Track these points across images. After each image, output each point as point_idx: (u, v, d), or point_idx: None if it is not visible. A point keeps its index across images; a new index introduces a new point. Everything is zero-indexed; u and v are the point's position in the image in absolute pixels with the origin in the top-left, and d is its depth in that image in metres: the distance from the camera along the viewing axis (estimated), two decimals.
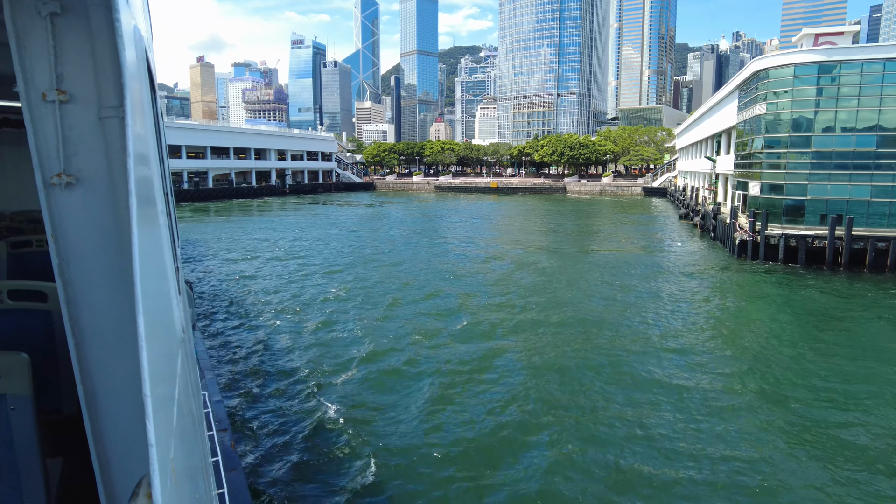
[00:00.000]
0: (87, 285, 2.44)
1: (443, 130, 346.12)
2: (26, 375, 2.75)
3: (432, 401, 13.96)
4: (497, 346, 18.01)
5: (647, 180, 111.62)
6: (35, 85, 2.32)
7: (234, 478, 4.61)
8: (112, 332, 2.46)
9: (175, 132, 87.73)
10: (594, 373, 15.68)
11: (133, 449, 2.51)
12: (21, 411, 2.74)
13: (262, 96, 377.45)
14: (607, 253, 38.20)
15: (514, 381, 15.09)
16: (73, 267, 2.43)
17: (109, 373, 2.48)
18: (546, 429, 12.52)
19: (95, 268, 2.46)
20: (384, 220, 62.17)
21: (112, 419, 2.48)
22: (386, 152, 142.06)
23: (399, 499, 10.03)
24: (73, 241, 2.43)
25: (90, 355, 2.46)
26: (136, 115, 2.10)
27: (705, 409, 13.53)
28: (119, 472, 2.51)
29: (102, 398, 2.48)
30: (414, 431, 12.43)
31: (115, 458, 2.50)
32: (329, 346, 18.10)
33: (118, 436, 2.49)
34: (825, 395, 14.64)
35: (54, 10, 2.27)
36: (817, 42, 39.69)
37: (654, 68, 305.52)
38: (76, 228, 2.42)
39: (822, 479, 10.70)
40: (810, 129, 34.40)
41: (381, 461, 11.14)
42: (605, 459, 11.24)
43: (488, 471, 10.83)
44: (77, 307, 2.44)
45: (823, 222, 33.49)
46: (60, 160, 2.38)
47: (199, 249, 38.93)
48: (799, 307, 23.69)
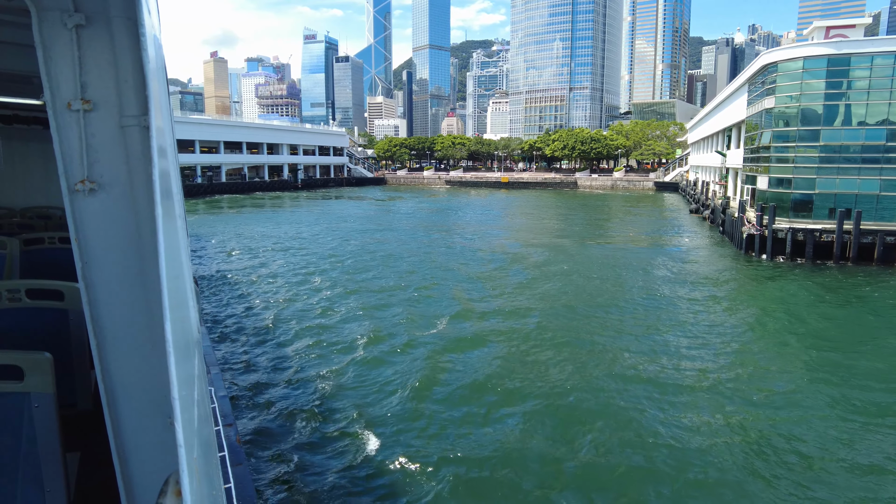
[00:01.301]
0: (108, 287, 2.53)
1: (454, 125, 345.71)
2: (49, 374, 2.82)
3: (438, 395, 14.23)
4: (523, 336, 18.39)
5: (658, 175, 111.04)
6: (60, 94, 2.42)
7: (239, 472, 4.70)
8: (130, 333, 2.56)
9: (189, 127, 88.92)
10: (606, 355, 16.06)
11: (151, 445, 2.60)
12: (43, 408, 2.81)
13: (274, 91, 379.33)
14: (610, 245, 38.33)
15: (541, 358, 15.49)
16: (94, 269, 2.51)
17: (128, 372, 2.57)
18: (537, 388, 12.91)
19: (116, 270, 2.54)
20: (394, 214, 62.64)
21: (131, 417, 2.57)
22: (397, 147, 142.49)
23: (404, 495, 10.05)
24: (95, 245, 2.51)
25: (111, 355, 2.55)
26: (161, 124, 2.16)
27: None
28: (138, 467, 2.60)
29: (122, 396, 2.56)
30: (411, 414, 12.86)
31: (133, 453, 2.59)
32: (338, 338, 18.52)
33: (137, 433, 2.59)
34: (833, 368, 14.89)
35: (79, 21, 2.37)
36: (828, 35, 39.41)
37: (667, 62, 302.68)
38: (97, 233, 2.51)
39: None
40: (819, 123, 34.25)
41: (387, 457, 11.08)
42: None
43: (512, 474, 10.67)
44: (98, 308, 2.53)
45: (832, 216, 33.38)
46: (84, 167, 2.47)
47: (208, 242, 39.63)
48: (805, 301, 23.79)
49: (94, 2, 2.39)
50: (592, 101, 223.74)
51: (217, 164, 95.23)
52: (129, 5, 2.42)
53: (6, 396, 2.74)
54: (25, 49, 5.34)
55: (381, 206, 74.48)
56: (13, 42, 5.11)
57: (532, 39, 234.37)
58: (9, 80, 7.11)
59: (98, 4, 2.39)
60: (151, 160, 1.87)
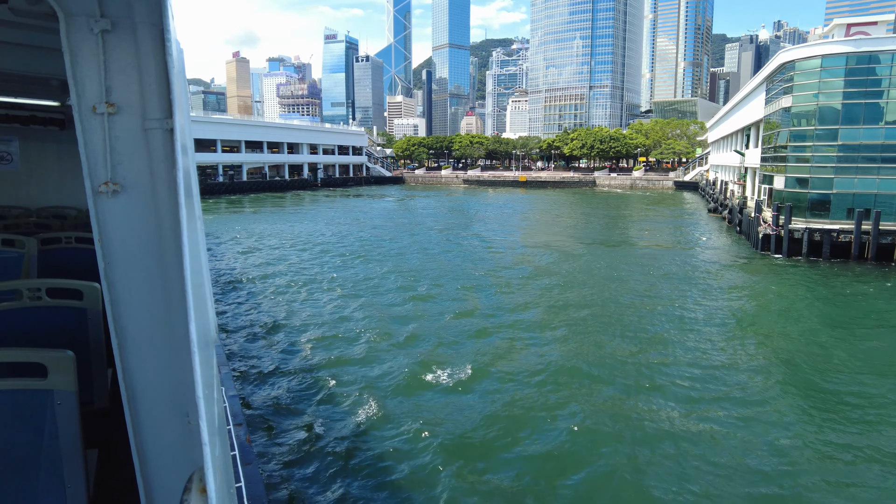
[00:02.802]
0: (130, 287, 2.59)
1: (473, 124, 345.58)
2: (72, 372, 2.86)
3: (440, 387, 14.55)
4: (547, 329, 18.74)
5: (678, 174, 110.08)
6: (86, 97, 2.47)
7: (250, 472, 4.63)
8: (151, 332, 2.62)
9: (210, 127, 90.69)
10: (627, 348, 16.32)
11: (170, 443, 2.66)
12: (66, 406, 2.85)
13: (295, 91, 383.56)
14: (624, 247, 38.35)
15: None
16: (116, 269, 2.56)
17: (148, 371, 2.63)
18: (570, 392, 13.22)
19: (137, 271, 2.59)
20: (411, 213, 63.17)
21: (150, 415, 2.63)
22: (415, 146, 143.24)
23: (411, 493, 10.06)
24: (118, 246, 2.56)
25: (131, 354, 2.61)
26: (183, 127, 2.29)
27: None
28: (157, 464, 2.67)
29: (142, 395, 2.62)
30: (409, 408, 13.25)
31: (152, 451, 2.65)
32: (348, 336, 18.94)
33: (156, 431, 2.65)
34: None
35: (105, 27, 2.44)
36: (849, 32, 38.94)
37: (689, 60, 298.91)
38: (120, 234, 2.56)
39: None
40: (837, 122, 33.86)
41: (397, 456, 11.02)
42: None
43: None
44: (120, 308, 2.58)
45: (850, 216, 32.98)
46: (108, 169, 2.51)
47: (224, 239, 40.52)
48: (823, 302, 23.68)
49: (120, 7, 2.47)
50: (613, 99, 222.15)
51: (238, 164, 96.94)
52: (154, 11, 2.50)
53: (30, 393, 2.78)
54: (44, 52, 5.63)
55: (399, 204, 75.10)
56: (33, 45, 5.28)
57: (552, 38, 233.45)
58: (28, 81, 7.34)
59: (123, 10, 2.47)
60: (175, 162, 1.98)
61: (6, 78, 6.99)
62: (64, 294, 4.22)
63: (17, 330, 4.04)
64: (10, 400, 2.73)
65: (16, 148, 11.21)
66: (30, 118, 10.14)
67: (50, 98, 8.66)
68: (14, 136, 11.12)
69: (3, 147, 11.05)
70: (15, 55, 5.85)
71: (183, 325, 2.44)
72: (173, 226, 2.55)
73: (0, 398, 2.71)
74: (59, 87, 7.44)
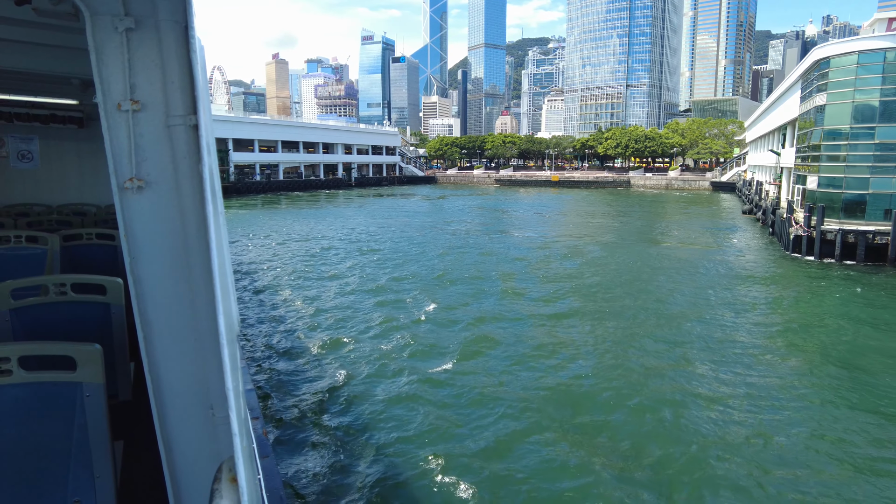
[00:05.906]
0: (155, 282, 2.62)
1: (508, 123, 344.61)
2: (99, 365, 2.91)
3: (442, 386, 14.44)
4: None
5: (715, 174, 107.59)
6: (111, 95, 2.50)
7: (267, 464, 4.63)
8: (176, 327, 2.65)
9: (248, 127, 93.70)
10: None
11: (195, 435, 2.70)
12: (94, 398, 2.89)
13: (333, 92, 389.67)
14: (657, 247, 38.04)
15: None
16: (142, 265, 2.59)
17: (174, 364, 2.66)
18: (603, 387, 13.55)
19: (162, 266, 2.61)
20: (443, 212, 63.78)
21: (176, 407, 2.67)
22: (448, 146, 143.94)
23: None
24: (143, 241, 2.59)
25: (157, 348, 2.63)
26: (206, 123, 2.33)
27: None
28: (183, 455, 2.70)
29: (167, 388, 2.66)
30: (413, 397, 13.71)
31: (178, 443, 2.69)
32: (364, 328, 19.44)
33: (182, 423, 2.69)
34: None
35: (129, 25, 2.47)
36: (891, 27, 37.64)
37: (731, 58, 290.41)
38: (145, 229, 2.59)
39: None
40: (874, 120, 32.87)
41: (412, 455, 10.84)
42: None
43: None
44: (145, 302, 2.61)
45: (886, 217, 32.01)
46: (132, 165, 2.54)
47: (251, 234, 41.83)
48: (859, 308, 23.22)
49: (144, 6, 2.50)
50: (650, 98, 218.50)
51: (275, 163, 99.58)
52: (177, 8, 2.53)
53: (60, 386, 2.83)
54: (65, 51, 5.94)
55: (432, 203, 75.83)
56: (54, 45, 5.56)
57: (589, 36, 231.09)
58: (49, 81, 7.65)
59: (147, 8, 2.50)
60: (201, 158, 2.05)
61: (28, 77, 7.39)
62: (87, 289, 4.33)
63: (43, 324, 4.16)
64: (42, 392, 2.80)
65: (36, 146, 11.58)
66: (50, 117, 10.49)
67: (69, 97, 8.99)
68: (35, 135, 11.49)
69: (24, 146, 11.42)
70: (36, 55, 6.22)
71: (206, 319, 2.60)
72: (197, 221, 2.60)
73: (31, 390, 2.78)
74: (79, 85, 7.82)
